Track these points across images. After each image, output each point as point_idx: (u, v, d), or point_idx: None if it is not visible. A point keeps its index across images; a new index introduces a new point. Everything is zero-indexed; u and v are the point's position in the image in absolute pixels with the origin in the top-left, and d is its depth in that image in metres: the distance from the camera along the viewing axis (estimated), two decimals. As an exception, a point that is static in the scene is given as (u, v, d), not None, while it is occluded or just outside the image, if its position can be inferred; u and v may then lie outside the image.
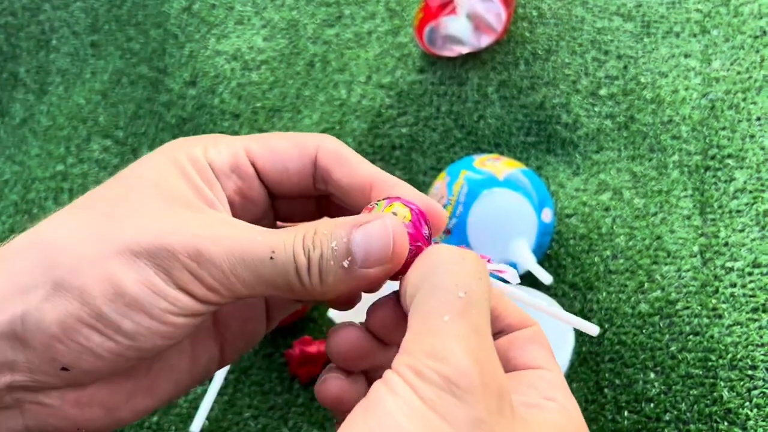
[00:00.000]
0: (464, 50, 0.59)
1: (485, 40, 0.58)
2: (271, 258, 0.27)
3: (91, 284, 0.27)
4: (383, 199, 0.30)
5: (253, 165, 0.32)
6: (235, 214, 0.31)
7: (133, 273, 0.27)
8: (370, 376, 0.31)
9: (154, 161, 0.30)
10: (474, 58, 0.60)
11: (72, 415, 0.28)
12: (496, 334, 0.31)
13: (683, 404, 0.46)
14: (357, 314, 0.50)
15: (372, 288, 0.29)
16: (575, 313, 0.51)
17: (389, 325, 0.29)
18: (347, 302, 0.32)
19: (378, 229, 0.28)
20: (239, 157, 0.31)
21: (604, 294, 0.50)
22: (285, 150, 0.32)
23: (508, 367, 0.29)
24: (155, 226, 0.27)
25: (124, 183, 0.30)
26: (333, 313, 0.50)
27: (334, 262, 0.27)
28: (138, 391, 0.30)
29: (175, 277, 0.27)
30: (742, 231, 0.49)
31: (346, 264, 0.27)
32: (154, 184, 0.29)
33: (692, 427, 0.45)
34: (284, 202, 0.34)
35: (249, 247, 0.27)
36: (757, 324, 0.46)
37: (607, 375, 0.48)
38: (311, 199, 0.34)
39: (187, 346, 0.32)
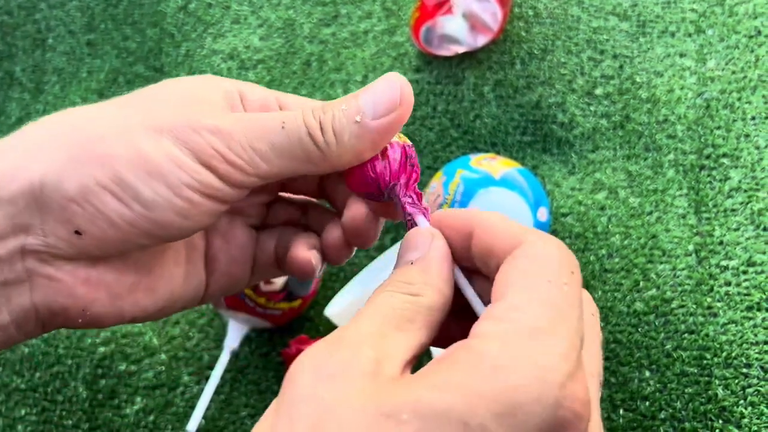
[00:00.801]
0: (460, 50, 0.59)
1: (481, 40, 0.58)
2: (282, 127, 0.29)
3: (116, 151, 0.28)
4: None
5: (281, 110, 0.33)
6: None
7: (157, 145, 0.28)
8: None
9: (185, 78, 0.33)
10: (470, 57, 0.60)
11: (80, 293, 0.30)
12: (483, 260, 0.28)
13: (678, 402, 0.46)
14: (355, 312, 0.50)
15: (385, 141, 0.30)
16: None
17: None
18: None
19: (383, 81, 0.30)
20: (269, 97, 0.33)
21: (600, 293, 0.51)
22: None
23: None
24: (180, 112, 0.30)
25: (151, 87, 0.32)
26: (330, 312, 0.50)
27: (346, 120, 0.29)
28: (140, 287, 0.32)
29: (196, 151, 0.29)
30: (736, 230, 0.50)
31: (358, 119, 0.29)
32: (183, 91, 0.31)
33: (687, 425, 0.45)
34: None
35: (263, 122, 0.30)
36: (751, 322, 0.46)
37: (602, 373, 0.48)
38: None
39: (182, 261, 0.34)
